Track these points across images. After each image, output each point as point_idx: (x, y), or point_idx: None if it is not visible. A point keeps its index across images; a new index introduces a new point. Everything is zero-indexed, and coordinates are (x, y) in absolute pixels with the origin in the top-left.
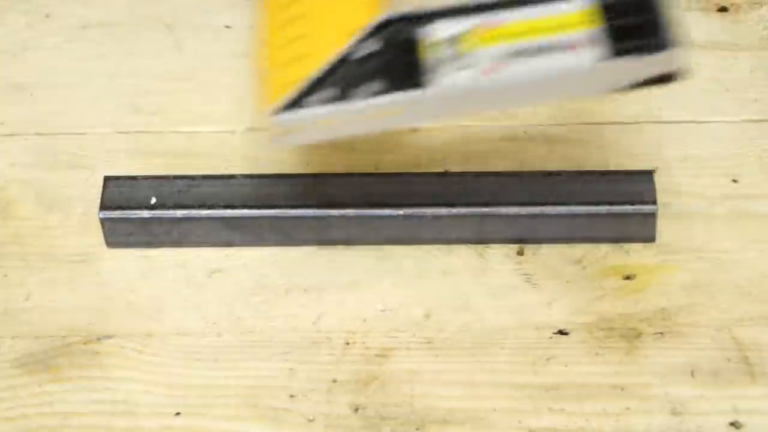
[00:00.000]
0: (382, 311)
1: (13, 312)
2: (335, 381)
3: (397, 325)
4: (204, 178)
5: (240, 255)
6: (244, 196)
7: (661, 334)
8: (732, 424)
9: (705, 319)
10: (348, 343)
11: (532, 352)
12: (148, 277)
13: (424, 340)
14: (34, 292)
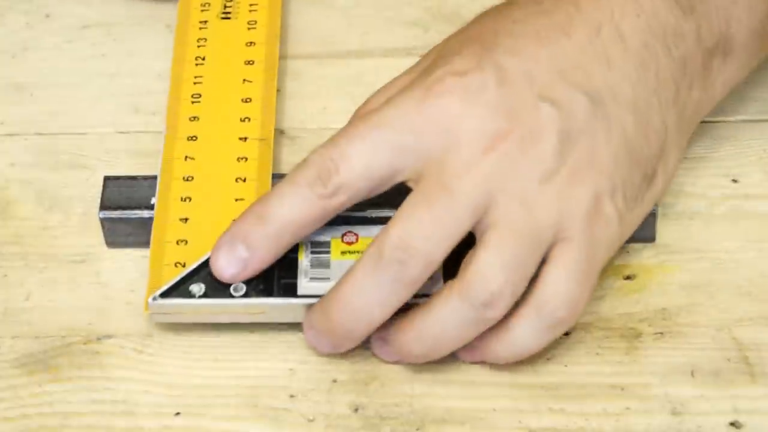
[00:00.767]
0: None
1: (13, 312)
2: (335, 381)
3: None
4: None
5: None
6: None
7: (661, 334)
8: (732, 424)
9: (705, 319)
10: None
11: None
12: (148, 277)
13: None
14: (34, 292)
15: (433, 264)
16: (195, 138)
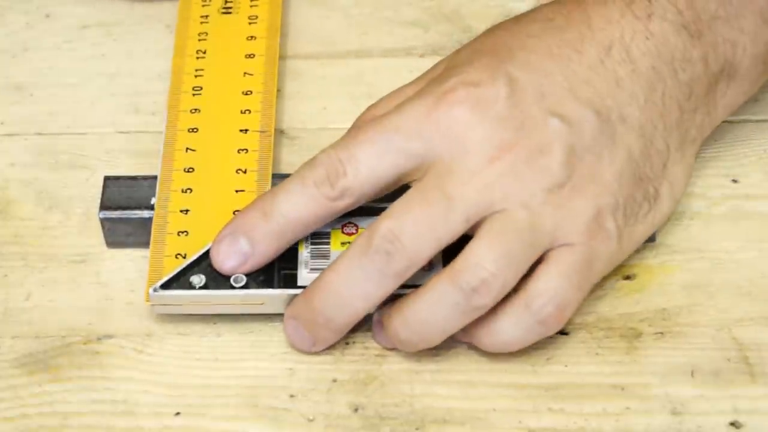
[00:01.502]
0: None
1: (13, 312)
2: (335, 381)
3: None
4: None
5: None
6: None
7: (661, 334)
8: (732, 424)
9: (705, 319)
10: (348, 343)
11: (532, 351)
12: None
13: None
14: (34, 292)
15: (418, 262)
16: (196, 130)
